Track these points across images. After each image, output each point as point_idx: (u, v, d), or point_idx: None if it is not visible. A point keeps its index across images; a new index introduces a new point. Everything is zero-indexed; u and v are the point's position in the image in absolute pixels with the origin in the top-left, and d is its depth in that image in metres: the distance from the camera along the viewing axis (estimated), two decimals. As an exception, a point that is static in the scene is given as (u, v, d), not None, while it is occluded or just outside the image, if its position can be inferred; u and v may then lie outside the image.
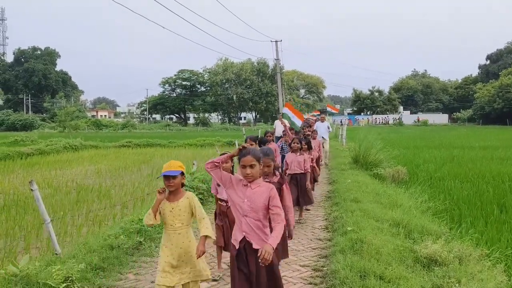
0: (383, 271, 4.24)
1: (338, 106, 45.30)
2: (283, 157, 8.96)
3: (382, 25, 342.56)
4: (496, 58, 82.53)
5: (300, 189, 7.07)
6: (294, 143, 7.26)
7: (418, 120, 76.04)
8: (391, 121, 75.44)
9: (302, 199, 7.12)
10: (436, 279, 4.13)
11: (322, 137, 14.36)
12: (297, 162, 7.11)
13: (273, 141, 9.00)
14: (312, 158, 8.33)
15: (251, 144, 5.72)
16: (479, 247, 5.16)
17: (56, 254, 4.99)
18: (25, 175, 12.54)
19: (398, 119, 75.98)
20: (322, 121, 15.65)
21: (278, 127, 14.89)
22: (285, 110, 12.24)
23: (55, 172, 13.16)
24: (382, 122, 76.26)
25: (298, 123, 11.89)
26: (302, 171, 7.13)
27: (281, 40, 35.69)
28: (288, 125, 11.16)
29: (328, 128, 15.48)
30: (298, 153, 7.19)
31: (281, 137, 12.26)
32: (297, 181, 7.11)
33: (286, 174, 7.12)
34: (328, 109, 32.15)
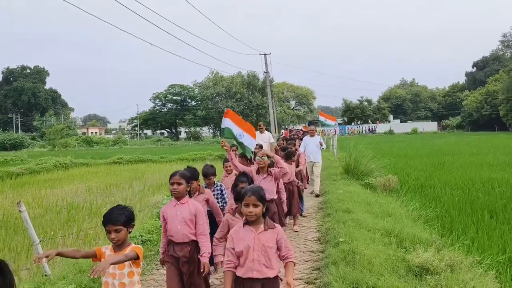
0: (376, 281, 4.24)
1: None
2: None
3: (370, 35, 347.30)
4: (483, 65, 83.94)
5: None
6: (245, 202, 3.06)
7: (373, 130, 76.73)
8: (377, 130, 75.96)
9: None
10: (428, 288, 4.14)
11: (311, 159, 11.03)
12: (261, 246, 3.03)
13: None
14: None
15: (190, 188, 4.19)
16: (471, 254, 5.19)
17: (46, 275, 4.94)
18: (15, 195, 12.41)
19: (370, 128, 76.88)
20: (312, 136, 11.34)
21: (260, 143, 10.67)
22: (227, 123, 6.26)
23: (45, 191, 13.04)
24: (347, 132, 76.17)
25: (250, 143, 6.53)
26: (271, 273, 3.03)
27: (270, 53, 35.84)
28: (230, 149, 6.00)
29: (321, 144, 11.33)
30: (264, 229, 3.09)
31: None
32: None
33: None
34: (321, 118, 20.42)
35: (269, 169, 5.84)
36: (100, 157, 26.35)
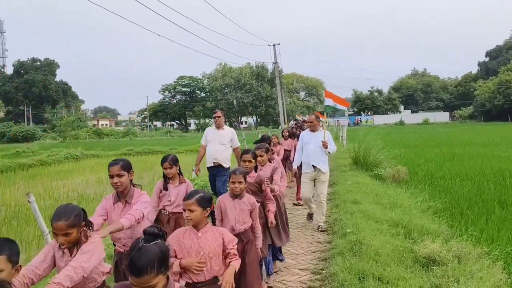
0: (382, 272, 4.24)
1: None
2: None
3: (380, 25, 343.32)
4: (496, 54, 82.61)
5: None
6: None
7: (359, 121, 75.81)
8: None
9: None
10: (434, 279, 4.12)
11: (314, 167, 6.86)
12: None
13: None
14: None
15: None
16: (479, 245, 5.15)
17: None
18: (27, 186, 12.56)
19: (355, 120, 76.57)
20: (314, 131, 7.07)
21: (212, 146, 7.30)
22: None
23: (56, 183, 13.18)
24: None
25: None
26: None
27: (279, 44, 35.68)
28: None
29: (325, 146, 6.82)
30: None
31: (220, 167, 7.24)
32: None
33: None
34: (328, 101, 8.63)
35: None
36: (110, 149, 26.57)
